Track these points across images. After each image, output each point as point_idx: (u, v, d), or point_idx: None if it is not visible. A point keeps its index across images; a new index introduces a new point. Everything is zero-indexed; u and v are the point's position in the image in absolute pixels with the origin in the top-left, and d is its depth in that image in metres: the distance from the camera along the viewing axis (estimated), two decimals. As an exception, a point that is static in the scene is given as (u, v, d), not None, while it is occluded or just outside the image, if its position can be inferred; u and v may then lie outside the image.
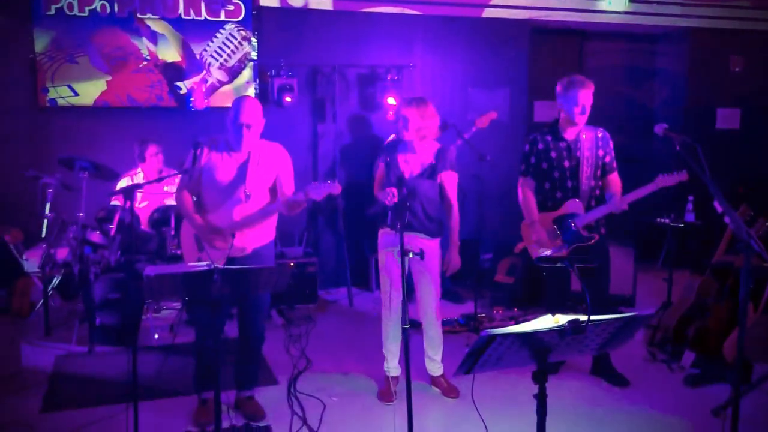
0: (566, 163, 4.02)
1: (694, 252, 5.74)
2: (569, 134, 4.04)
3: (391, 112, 6.10)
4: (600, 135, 4.08)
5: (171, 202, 5.20)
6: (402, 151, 4.03)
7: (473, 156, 5.18)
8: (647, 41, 7.74)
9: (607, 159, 4.07)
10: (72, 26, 5.69)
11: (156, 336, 5.03)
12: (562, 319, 2.14)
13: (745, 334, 3.99)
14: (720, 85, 7.49)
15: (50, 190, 4.87)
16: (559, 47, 7.52)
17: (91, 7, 5.70)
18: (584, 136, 4.03)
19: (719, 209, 2.63)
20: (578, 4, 6.97)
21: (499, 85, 6.90)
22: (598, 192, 4.07)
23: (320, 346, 4.93)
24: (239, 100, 3.60)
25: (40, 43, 5.64)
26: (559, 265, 3.91)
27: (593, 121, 4.10)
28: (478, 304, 5.65)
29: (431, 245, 3.93)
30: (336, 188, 3.39)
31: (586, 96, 3.88)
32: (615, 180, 4.09)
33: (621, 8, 7.09)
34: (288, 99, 5.97)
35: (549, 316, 2.17)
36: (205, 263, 2.69)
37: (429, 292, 4.01)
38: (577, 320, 2.11)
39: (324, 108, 6.43)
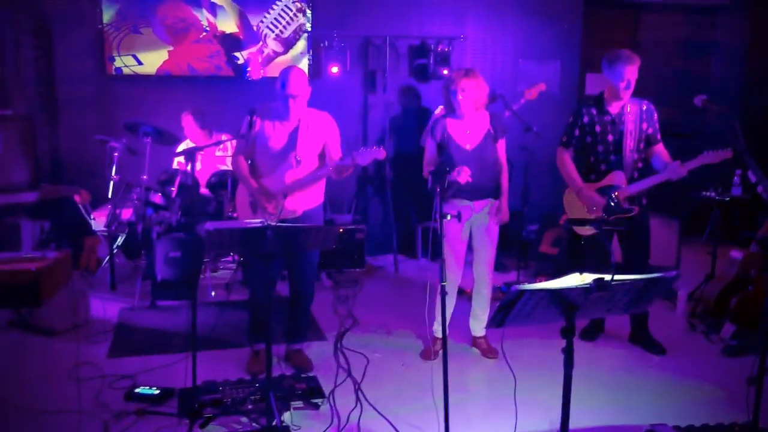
0: (610, 137, 4.07)
1: (739, 226, 5.71)
2: (614, 108, 4.08)
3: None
4: (644, 108, 4.10)
5: (224, 166, 5.47)
6: (456, 123, 4.11)
7: (520, 127, 5.26)
8: (705, 13, 7.59)
9: (650, 131, 4.10)
10: (136, -2, 5.97)
11: (213, 293, 5.34)
12: (588, 278, 2.27)
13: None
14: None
15: (116, 154, 5.18)
16: (613, 19, 7.45)
17: (155, -20, 5.97)
18: (629, 109, 4.06)
19: (752, 179, 2.69)
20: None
21: (551, 57, 6.91)
22: (640, 165, 4.12)
23: (366, 307, 5.14)
24: (285, 72, 3.77)
25: (107, 14, 5.94)
26: (587, 227, 4.00)
27: (648, 93, 4.14)
28: (522, 274, 5.79)
29: (487, 205, 4.10)
30: (381, 153, 3.57)
31: (631, 71, 3.91)
32: (662, 150, 4.10)
33: (678, -21, 6.98)
34: (334, 70, 6.15)
35: (576, 274, 2.30)
36: (259, 220, 2.90)
37: (488, 251, 4.18)
38: (601, 278, 2.23)
39: (374, 79, 6.57)
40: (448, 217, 3.42)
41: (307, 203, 3.85)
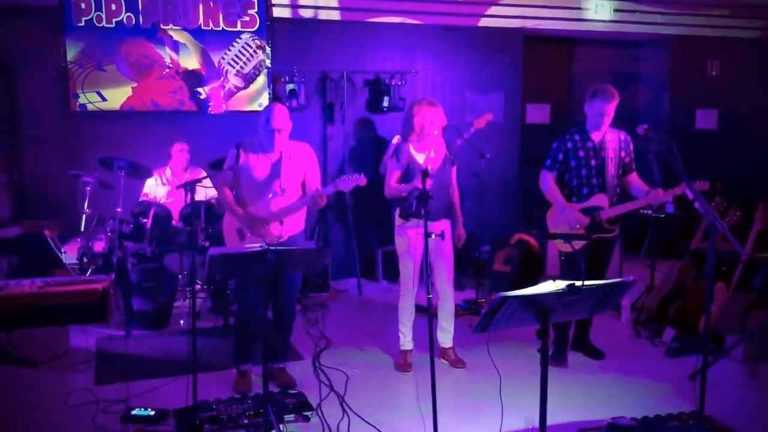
0: (593, 162, 4.40)
1: (674, 241, 6.26)
2: (596, 136, 4.43)
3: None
4: (623, 138, 4.48)
5: (198, 198, 5.66)
6: (418, 148, 4.50)
7: (472, 155, 5.68)
8: (631, 47, 8.29)
9: (627, 160, 4.48)
10: (100, 37, 6.14)
11: (182, 322, 5.48)
12: (561, 284, 2.63)
13: (718, 309, 4.54)
14: (699, 88, 8.05)
15: (88, 188, 5.32)
16: (549, 54, 8.05)
17: (118, 19, 6.16)
18: (609, 138, 4.43)
19: (690, 196, 3.13)
20: (567, 13, 7.49)
21: (494, 89, 7.41)
22: (618, 190, 4.49)
23: (336, 328, 5.41)
24: (269, 108, 4.07)
25: (71, 52, 6.09)
26: (569, 244, 4.33)
27: (581, 121, 4.56)
28: (480, 292, 6.17)
29: (448, 226, 4.50)
30: (362, 180, 3.91)
31: (610, 108, 4.29)
32: (636, 179, 4.50)
33: (606, 17, 7.62)
34: (300, 104, 6.46)
35: (551, 281, 2.66)
36: (257, 245, 3.16)
37: (447, 268, 4.55)
38: (572, 284, 2.60)
39: (333, 111, 6.91)
40: (433, 237, 3.76)
41: (291, 229, 4.14)
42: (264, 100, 6.57)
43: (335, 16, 6.81)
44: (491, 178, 6.63)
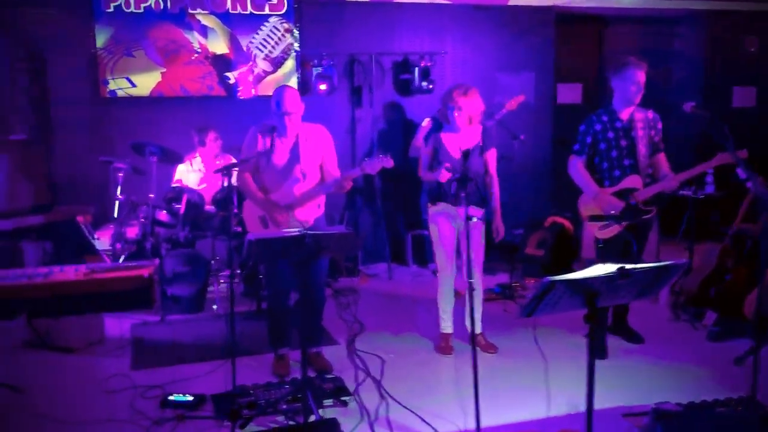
0: (623, 143, 4.26)
1: (713, 223, 6.11)
2: (624, 114, 4.28)
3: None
4: (651, 116, 4.33)
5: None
6: (448, 132, 4.43)
7: (503, 137, 5.58)
8: (664, 24, 8.07)
9: (656, 139, 4.33)
10: (129, 22, 6.12)
11: (214, 307, 5.47)
12: (611, 268, 2.55)
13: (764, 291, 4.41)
14: (736, 64, 7.82)
15: (121, 174, 5.31)
16: (580, 33, 7.88)
17: (146, 4, 6.12)
18: (637, 116, 4.28)
19: (742, 176, 3.01)
20: (599, -10, 7.33)
21: (525, 70, 7.27)
22: (650, 170, 4.34)
23: (368, 313, 5.36)
24: (279, 91, 4.01)
25: (101, 38, 6.08)
26: (606, 230, 4.24)
27: (610, 101, 4.41)
28: (511, 276, 6.08)
29: (480, 214, 4.38)
30: (389, 162, 3.84)
31: (641, 75, 4.15)
32: (663, 160, 4.35)
33: (640, -7, 7.43)
34: (323, 87, 6.39)
35: (600, 264, 2.58)
36: (296, 229, 3.13)
37: (477, 254, 4.43)
38: (623, 267, 2.52)
39: (361, 94, 6.83)
40: (474, 219, 3.69)
41: (315, 212, 4.11)
42: (293, 83, 6.51)
43: (363, -4, 6.72)
44: (523, 159, 6.52)
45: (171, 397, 3.70)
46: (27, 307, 1.87)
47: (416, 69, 6.69)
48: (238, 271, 5.76)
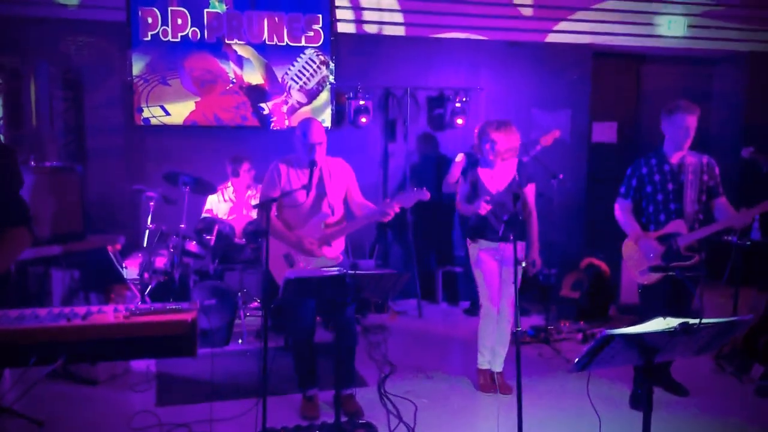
0: (670, 186, 4.11)
1: (759, 270, 5.89)
2: (674, 158, 4.15)
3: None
4: (705, 161, 4.17)
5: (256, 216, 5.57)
6: (485, 168, 4.37)
7: (538, 174, 5.46)
8: (703, 64, 7.94)
9: (712, 183, 4.16)
10: (166, 51, 6.13)
11: (240, 341, 5.36)
12: (672, 322, 2.39)
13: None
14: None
15: (152, 203, 5.26)
16: (617, 70, 7.77)
17: (183, 33, 6.14)
18: (688, 161, 4.13)
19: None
20: (638, 29, 7.23)
21: (561, 107, 7.17)
22: (701, 216, 4.15)
23: (398, 352, 5.21)
24: (306, 123, 3.94)
25: (137, 66, 6.09)
26: (648, 275, 4.10)
27: (652, 141, 4.27)
28: (544, 318, 5.91)
29: (521, 247, 4.26)
30: (425, 195, 3.73)
31: (692, 120, 4.02)
32: (725, 203, 4.16)
33: (680, 33, 7.32)
34: (363, 120, 6.33)
35: (660, 319, 2.43)
36: (335, 268, 3.01)
37: (511, 290, 4.32)
38: (686, 322, 2.36)
39: (395, 128, 6.77)
40: (523, 264, 3.57)
41: (341, 248, 4.00)
42: (326, 116, 6.47)
43: (399, 31, 6.69)
44: (558, 198, 6.37)
45: (197, 439, 3.56)
46: (65, 351, 1.75)
47: (451, 104, 6.62)
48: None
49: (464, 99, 6.64)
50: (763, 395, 4.38)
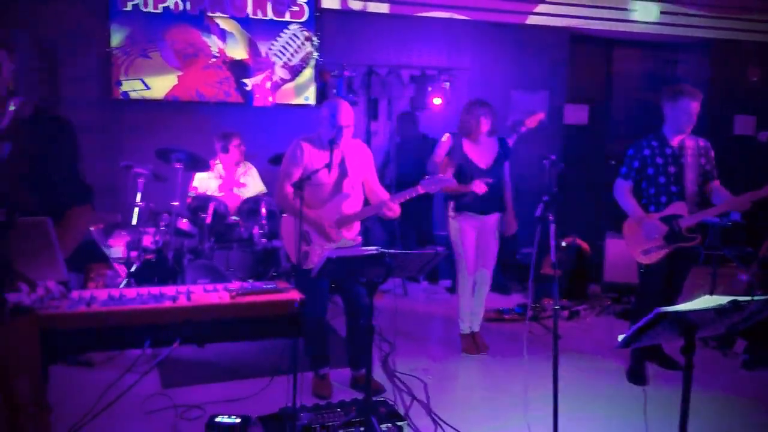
0: (671, 169, 4.24)
1: (738, 249, 6.16)
2: (674, 141, 4.27)
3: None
4: (701, 144, 4.30)
5: (246, 193, 5.47)
6: (471, 147, 4.70)
7: (525, 154, 5.60)
8: (670, 49, 8.19)
9: (708, 167, 4.30)
10: (146, 22, 5.92)
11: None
12: (720, 300, 2.49)
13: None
14: (738, 93, 7.97)
15: (141, 180, 5.09)
16: (589, 54, 7.93)
17: (164, 5, 5.94)
18: (687, 143, 4.26)
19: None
20: (613, 14, 7.39)
21: (540, 88, 7.28)
22: (699, 198, 4.31)
23: (392, 330, 5.22)
24: (335, 104, 3.88)
25: (116, 38, 5.86)
26: (649, 255, 4.25)
27: (622, 123, 4.42)
28: (525, 296, 6.04)
29: (498, 218, 4.80)
30: (451, 181, 3.74)
31: (695, 107, 4.14)
32: (719, 186, 4.31)
33: (652, 18, 7.52)
34: (352, 98, 6.28)
35: (707, 296, 2.53)
36: (373, 248, 3.00)
37: (491, 257, 4.84)
38: (736, 300, 2.46)
39: (377, 107, 6.73)
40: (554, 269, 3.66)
41: (357, 230, 4.01)
42: (310, 93, 6.39)
43: (384, 9, 6.64)
44: (534, 178, 6.49)
45: (218, 419, 3.51)
46: (178, 333, 1.70)
47: (433, 83, 6.63)
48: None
49: (446, 79, 6.66)
50: (749, 368, 4.62)
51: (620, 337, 2.58)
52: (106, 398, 3.86)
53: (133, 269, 5.29)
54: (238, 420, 3.52)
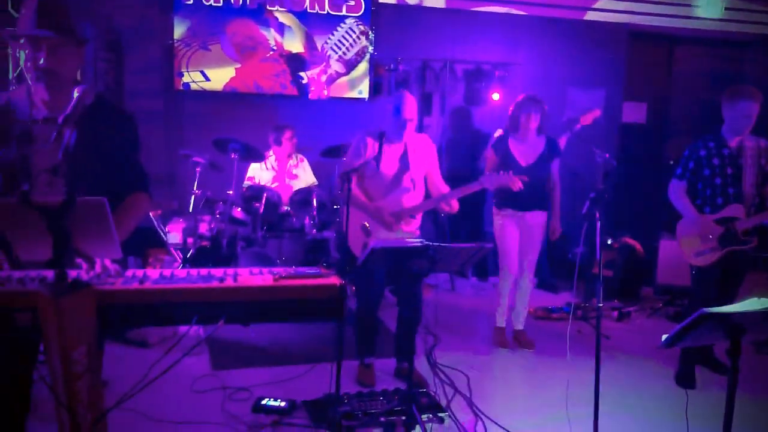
0: (729, 170, 4.14)
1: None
2: (733, 142, 4.16)
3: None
4: (763, 145, 4.18)
5: (298, 185, 5.59)
6: (516, 143, 4.70)
7: (579, 152, 5.54)
8: (735, 47, 7.94)
9: None
10: (207, 15, 6.09)
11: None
12: (766, 303, 2.45)
13: None
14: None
15: (198, 169, 5.26)
16: (650, 51, 7.77)
17: (225, -2, 6.09)
18: (747, 144, 4.15)
19: None
20: (675, 10, 7.22)
21: (596, 86, 7.18)
22: (758, 200, 4.19)
23: (439, 324, 5.26)
24: (401, 97, 3.91)
25: (178, 30, 6.05)
26: (702, 257, 4.16)
27: (682, 122, 4.31)
28: (574, 295, 5.99)
29: (542, 217, 4.76)
30: (515, 182, 3.73)
31: (754, 108, 4.02)
32: None
33: (716, 15, 7.31)
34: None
35: (755, 299, 2.48)
36: (417, 240, 3.05)
37: (533, 254, 4.82)
38: (785, 303, 2.41)
39: (431, 101, 6.76)
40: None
41: (417, 223, 4.02)
42: (364, 87, 6.46)
43: (440, 3, 6.66)
44: (590, 177, 6.41)
45: (264, 402, 3.62)
46: (223, 312, 1.79)
47: (488, 78, 6.62)
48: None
49: (501, 74, 6.64)
50: (805, 376, 4.48)
51: (664, 337, 2.57)
52: (156, 372, 4.06)
53: (188, 255, 5.49)
54: (284, 403, 3.63)
